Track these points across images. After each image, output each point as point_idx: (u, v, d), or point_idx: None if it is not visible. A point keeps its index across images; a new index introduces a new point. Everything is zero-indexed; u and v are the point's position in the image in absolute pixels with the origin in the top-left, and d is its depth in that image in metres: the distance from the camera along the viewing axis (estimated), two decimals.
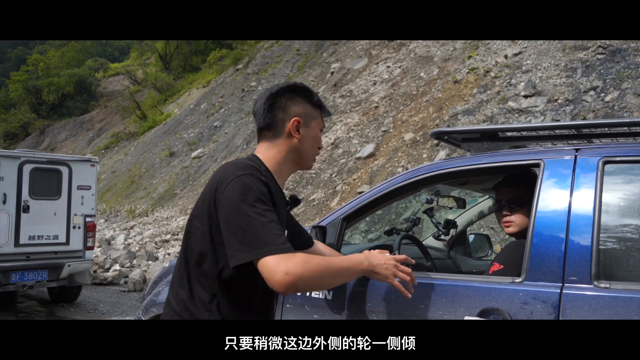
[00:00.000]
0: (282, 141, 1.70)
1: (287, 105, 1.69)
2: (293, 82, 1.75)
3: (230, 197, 1.48)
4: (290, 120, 1.68)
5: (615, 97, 8.51)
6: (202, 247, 1.57)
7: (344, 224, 2.34)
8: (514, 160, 2.07)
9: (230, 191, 1.48)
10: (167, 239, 12.80)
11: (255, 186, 1.50)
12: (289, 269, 1.39)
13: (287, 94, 1.71)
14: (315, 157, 1.78)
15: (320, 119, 1.78)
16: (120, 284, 9.30)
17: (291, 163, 1.73)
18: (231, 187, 1.49)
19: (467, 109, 10.37)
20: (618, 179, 1.83)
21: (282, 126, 1.69)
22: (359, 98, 14.28)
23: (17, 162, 6.55)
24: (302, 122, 1.70)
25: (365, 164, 11.03)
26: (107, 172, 27.04)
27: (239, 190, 1.48)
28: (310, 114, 1.73)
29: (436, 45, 14.34)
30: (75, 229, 6.99)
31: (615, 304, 1.60)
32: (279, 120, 1.69)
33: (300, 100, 1.71)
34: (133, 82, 39.68)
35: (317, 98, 1.76)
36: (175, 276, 1.67)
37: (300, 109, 1.70)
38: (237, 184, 1.49)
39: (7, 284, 6.33)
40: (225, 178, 1.53)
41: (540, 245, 1.80)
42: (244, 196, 1.47)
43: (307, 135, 1.72)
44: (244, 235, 1.43)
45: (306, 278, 1.41)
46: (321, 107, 1.77)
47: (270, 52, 25.35)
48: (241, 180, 1.50)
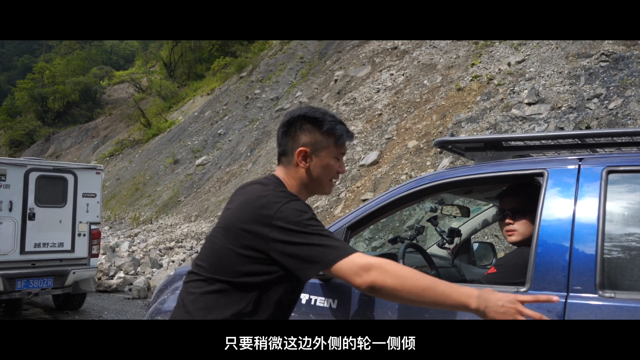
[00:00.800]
0: (294, 169, 1.71)
1: (296, 134, 1.70)
2: (306, 109, 1.73)
3: (288, 222, 1.51)
4: (297, 150, 1.69)
5: (619, 105, 8.51)
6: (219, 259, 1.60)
7: (349, 233, 2.35)
8: (517, 170, 2.08)
9: (285, 216, 1.52)
10: (171, 246, 12.82)
11: (305, 208, 1.56)
12: (373, 266, 1.44)
13: (298, 122, 1.71)
14: (327, 184, 1.76)
15: (334, 146, 1.72)
16: (125, 291, 9.31)
17: (306, 189, 1.75)
18: (285, 213, 1.52)
19: (471, 116, 10.38)
20: (622, 188, 1.84)
21: (292, 155, 1.71)
22: (362, 106, 14.31)
23: (23, 170, 6.60)
24: (309, 152, 1.69)
25: (369, 172, 11.04)
26: (112, 179, 27.13)
27: (295, 215, 1.52)
28: (319, 143, 1.70)
29: (439, 52, 14.38)
30: (80, 237, 7.02)
31: (620, 314, 1.60)
32: (290, 149, 1.71)
33: (310, 129, 1.70)
34: (138, 89, 39.87)
35: (328, 127, 1.70)
36: None
37: (308, 138, 1.69)
38: (289, 210, 1.53)
39: (12, 291, 6.35)
40: (272, 203, 1.55)
41: (545, 255, 1.80)
42: (300, 217, 1.52)
43: (316, 165, 1.70)
44: (317, 250, 1.49)
45: (390, 281, 1.43)
46: (334, 134, 1.71)
47: (274, 59, 25.46)
48: (292, 205, 1.55)
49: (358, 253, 1.48)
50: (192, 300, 1.61)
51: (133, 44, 58.59)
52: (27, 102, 46.29)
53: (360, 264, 1.44)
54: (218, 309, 1.56)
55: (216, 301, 1.57)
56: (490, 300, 1.42)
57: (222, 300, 1.56)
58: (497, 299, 1.42)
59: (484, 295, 1.44)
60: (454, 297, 1.43)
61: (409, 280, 1.43)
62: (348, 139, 1.75)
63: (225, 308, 1.55)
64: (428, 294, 1.42)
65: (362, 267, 1.44)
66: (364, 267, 1.44)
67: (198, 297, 1.60)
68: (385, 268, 1.44)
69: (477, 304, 1.42)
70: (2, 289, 6.21)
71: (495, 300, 1.42)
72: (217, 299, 1.57)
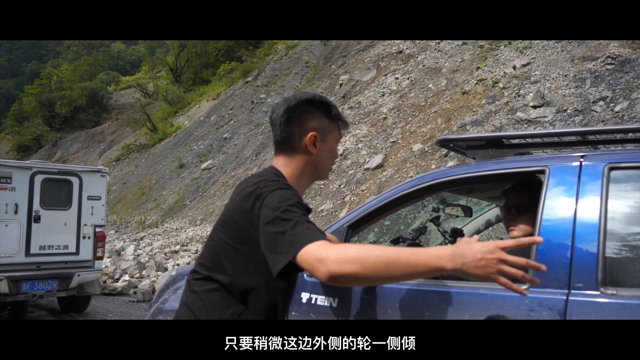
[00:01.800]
0: (299, 156, 1.67)
1: (304, 119, 1.66)
2: (311, 95, 1.70)
3: (269, 209, 1.46)
4: (307, 135, 1.66)
5: (625, 107, 8.46)
6: (218, 255, 1.58)
7: (350, 232, 2.35)
8: (519, 167, 2.07)
9: (270, 201, 1.47)
10: (177, 250, 12.84)
11: (291, 195, 1.49)
12: (327, 256, 1.27)
13: (304, 107, 1.67)
14: (330, 168, 1.77)
15: (338, 131, 1.74)
16: (130, 294, 9.32)
17: (308, 176, 1.72)
18: (269, 199, 1.48)
19: (476, 119, 10.36)
20: (624, 185, 1.82)
21: (299, 141, 1.66)
22: (367, 109, 14.32)
23: (29, 173, 6.64)
24: (318, 137, 1.67)
25: (373, 175, 11.03)
26: (118, 183, 27.25)
27: (277, 201, 1.46)
28: (327, 128, 1.70)
29: (444, 56, 14.37)
30: (85, 239, 7.04)
31: (622, 311, 1.58)
32: (296, 134, 1.66)
33: (318, 113, 1.68)
34: (144, 94, 40.12)
35: (335, 112, 1.71)
36: None
37: (317, 123, 1.67)
38: (276, 196, 1.48)
39: (17, 293, 6.38)
40: (259, 191, 1.52)
41: (546, 252, 1.79)
42: (281, 204, 1.45)
43: (323, 149, 1.69)
44: (283, 239, 1.39)
45: (348, 267, 1.26)
46: (339, 119, 1.74)
47: (280, 64, 25.54)
48: (278, 193, 1.49)
49: (316, 242, 1.32)
50: (194, 298, 1.61)
51: (140, 50, 59.01)
52: (34, 107, 46.70)
53: (316, 256, 1.29)
54: (219, 307, 1.55)
55: (217, 299, 1.56)
56: (466, 255, 1.24)
57: (222, 298, 1.56)
58: (474, 252, 1.23)
59: (457, 250, 1.25)
60: (423, 263, 1.26)
61: (369, 260, 1.26)
62: (347, 127, 1.79)
63: (225, 306, 1.55)
64: (393, 268, 1.26)
65: (318, 258, 1.29)
66: (319, 258, 1.28)
67: (200, 295, 1.60)
68: (340, 254, 1.27)
69: (452, 263, 1.24)
70: (8, 291, 6.24)
71: (472, 254, 1.23)
72: (218, 297, 1.56)
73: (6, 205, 6.40)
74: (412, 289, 2.05)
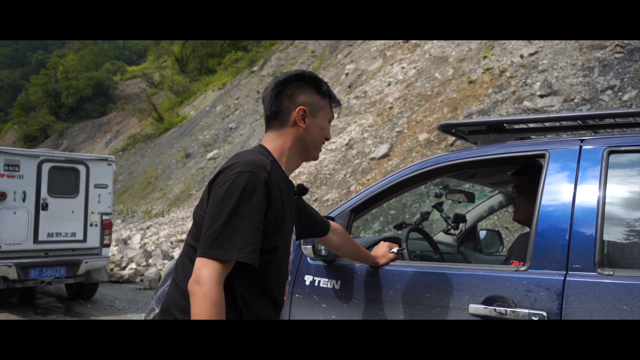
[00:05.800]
0: (287, 130, 1.68)
1: (293, 93, 1.67)
2: (302, 71, 1.72)
3: (226, 188, 1.48)
4: (296, 109, 1.66)
5: (634, 96, 8.41)
6: None
7: (352, 216, 2.37)
8: (519, 152, 2.09)
9: (229, 182, 1.49)
10: (183, 239, 12.94)
11: (255, 188, 1.48)
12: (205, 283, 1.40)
13: (294, 82, 1.68)
14: (320, 147, 1.75)
15: (329, 109, 1.74)
16: (136, 282, 9.43)
17: (297, 154, 1.71)
18: (232, 179, 1.49)
19: (482, 109, 10.32)
20: (623, 168, 1.84)
21: (287, 115, 1.67)
22: (373, 99, 14.28)
23: (36, 161, 6.70)
24: (308, 112, 1.67)
25: (379, 165, 11.03)
26: (124, 173, 27.39)
27: (240, 187, 1.47)
28: (317, 104, 1.70)
29: (451, 45, 14.28)
30: (92, 227, 7.12)
31: (618, 291, 1.61)
32: (285, 108, 1.67)
33: (308, 89, 1.69)
34: (150, 84, 40.14)
35: (325, 87, 1.72)
36: None
37: (306, 98, 1.68)
38: (241, 179, 1.48)
39: (26, 279, 6.47)
40: (231, 168, 1.53)
41: (545, 234, 1.81)
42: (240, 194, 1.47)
43: (313, 125, 1.69)
44: (220, 232, 1.45)
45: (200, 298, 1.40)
46: (330, 96, 1.73)
47: (285, 54, 25.47)
48: (244, 176, 1.49)
49: (209, 261, 1.42)
50: (180, 273, 1.62)
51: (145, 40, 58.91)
52: (41, 97, 46.83)
53: (196, 273, 1.43)
54: None
55: None
56: None
57: None
58: None
59: None
60: None
61: (207, 313, 1.39)
62: (338, 105, 1.78)
63: None
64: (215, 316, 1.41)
65: (195, 276, 1.43)
66: (195, 278, 1.42)
67: (185, 268, 1.60)
68: (208, 293, 1.39)
69: None
70: (16, 277, 6.34)
71: None
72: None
73: (14, 192, 6.47)
74: (413, 270, 2.09)
